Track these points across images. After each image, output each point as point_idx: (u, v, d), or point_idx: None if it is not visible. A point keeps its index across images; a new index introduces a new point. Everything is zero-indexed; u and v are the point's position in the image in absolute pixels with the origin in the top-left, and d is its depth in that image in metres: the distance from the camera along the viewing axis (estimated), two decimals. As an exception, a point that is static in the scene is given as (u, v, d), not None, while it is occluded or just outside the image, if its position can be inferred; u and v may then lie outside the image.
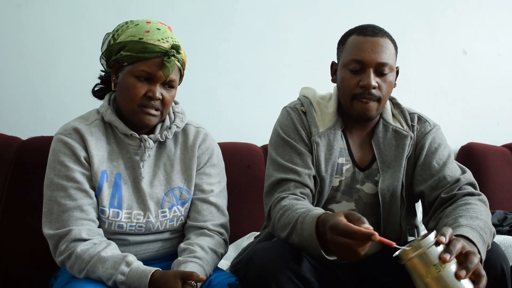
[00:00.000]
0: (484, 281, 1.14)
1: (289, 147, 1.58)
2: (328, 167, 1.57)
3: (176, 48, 1.49)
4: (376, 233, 1.12)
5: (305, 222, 1.31)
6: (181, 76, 1.58)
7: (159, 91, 1.50)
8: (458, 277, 1.10)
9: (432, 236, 1.13)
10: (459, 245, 1.13)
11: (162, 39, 1.49)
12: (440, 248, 1.12)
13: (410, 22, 2.78)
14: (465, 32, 2.87)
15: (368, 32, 1.55)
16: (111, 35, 1.57)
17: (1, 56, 2.29)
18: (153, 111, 1.51)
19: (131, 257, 1.42)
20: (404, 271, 1.16)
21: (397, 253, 1.14)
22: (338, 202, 1.61)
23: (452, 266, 1.11)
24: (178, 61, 1.51)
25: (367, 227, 1.14)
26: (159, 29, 1.51)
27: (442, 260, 1.10)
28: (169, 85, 1.52)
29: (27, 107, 2.31)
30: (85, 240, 1.43)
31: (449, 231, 1.15)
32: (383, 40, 1.54)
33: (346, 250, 1.15)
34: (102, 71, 1.66)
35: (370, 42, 1.53)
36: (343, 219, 1.16)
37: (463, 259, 1.14)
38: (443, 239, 1.13)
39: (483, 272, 1.15)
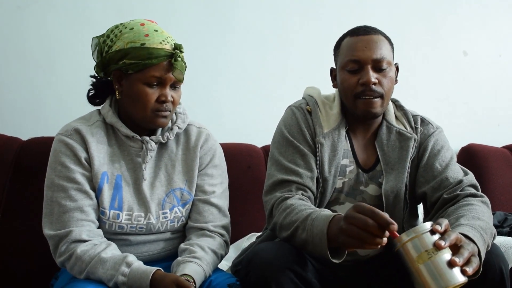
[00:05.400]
0: (474, 265, 1.15)
1: (292, 148, 1.58)
2: (331, 168, 1.57)
3: (179, 48, 1.49)
4: (396, 225, 1.12)
5: (317, 219, 1.30)
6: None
7: (170, 94, 1.51)
8: (452, 263, 1.11)
9: (428, 224, 1.15)
10: (454, 235, 1.16)
11: (163, 40, 1.49)
12: (435, 236, 1.14)
13: (412, 26, 2.78)
14: (466, 34, 2.88)
15: (361, 32, 1.57)
16: (102, 41, 1.54)
17: (1, 57, 2.29)
18: (166, 113, 1.52)
19: (131, 258, 1.42)
20: (405, 270, 1.17)
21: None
22: (342, 203, 1.60)
23: (445, 255, 1.12)
24: (182, 60, 1.51)
25: (388, 218, 1.13)
26: (156, 31, 1.50)
27: (437, 246, 1.12)
28: (177, 84, 1.53)
29: (27, 108, 2.32)
30: (85, 241, 1.43)
31: (445, 221, 1.17)
32: (376, 37, 1.55)
33: (359, 230, 1.14)
34: (92, 76, 1.63)
35: (363, 41, 1.54)
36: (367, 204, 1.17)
37: (457, 251, 1.15)
38: (438, 227, 1.15)
39: (476, 261, 1.17)
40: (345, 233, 1.18)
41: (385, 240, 1.14)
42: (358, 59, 1.53)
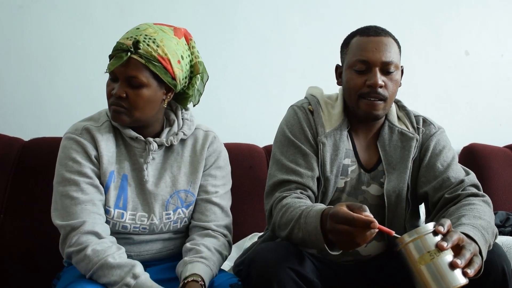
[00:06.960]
0: (476, 265, 1.16)
1: (293, 147, 1.58)
2: (333, 168, 1.57)
3: (134, 43, 1.44)
4: (376, 221, 1.12)
5: (309, 216, 1.31)
6: (159, 75, 1.47)
7: (121, 89, 1.46)
8: (454, 265, 1.11)
9: (430, 225, 1.15)
10: (456, 236, 1.16)
11: (131, 36, 1.46)
12: (438, 237, 1.14)
13: (414, 25, 2.78)
14: (468, 34, 2.87)
15: (371, 32, 1.55)
16: None
17: (3, 57, 2.29)
18: (118, 108, 1.47)
19: (139, 269, 1.39)
20: (406, 271, 1.16)
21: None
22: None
23: (447, 256, 1.12)
24: (141, 57, 1.44)
25: (367, 214, 1.14)
26: (138, 29, 1.49)
27: (439, 247, 1.12)
28: (133, 82, 1.46)
29: (29, 108, 2.32)
30: (97, 235, 1.41)
31: (447, 222, 1.18)
32: (387, 39, 1.54)
33: (345, 238, 1.15)
34: None
35: (374, 42, 1.53)
36: (343, 207, 1.18)
37: (459, 251, 1.15)
38: (441, 228, 1.15)
39: (477, 261, 1.18)
40: (337, 241, 1.20)
41: (374, 230, 1.13)
42: (367, 60, 1.52)
